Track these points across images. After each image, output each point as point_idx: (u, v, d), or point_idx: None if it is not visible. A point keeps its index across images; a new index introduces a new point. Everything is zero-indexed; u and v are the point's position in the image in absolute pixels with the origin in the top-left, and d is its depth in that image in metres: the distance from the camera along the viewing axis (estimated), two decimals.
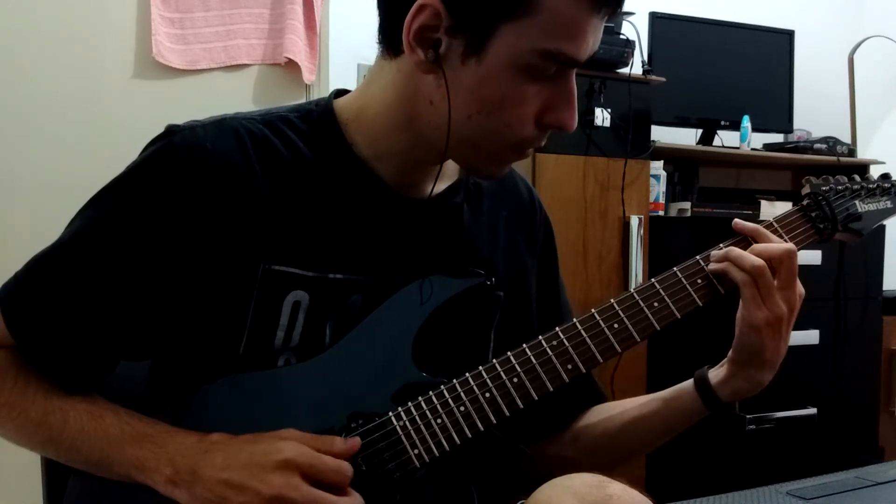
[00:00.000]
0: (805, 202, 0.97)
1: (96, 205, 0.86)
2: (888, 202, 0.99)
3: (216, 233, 0.84)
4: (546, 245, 1.07)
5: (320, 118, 0.91)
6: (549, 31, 0.78)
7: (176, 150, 0.84)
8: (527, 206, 1.05)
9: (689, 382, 0.97)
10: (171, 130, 0.86)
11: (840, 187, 0.97)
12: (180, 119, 0.89)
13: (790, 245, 0.90)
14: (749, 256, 0.88)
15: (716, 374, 0.95)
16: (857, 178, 1.00)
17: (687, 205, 2.78)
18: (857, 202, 0.98)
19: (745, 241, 0.92)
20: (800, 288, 0.90)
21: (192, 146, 0.84)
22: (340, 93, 0.95)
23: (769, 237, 0.92)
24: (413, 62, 0.82)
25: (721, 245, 0.92)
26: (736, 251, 0.90)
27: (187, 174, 0.83)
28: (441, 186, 0.95)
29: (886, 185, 0.99)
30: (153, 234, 0.83)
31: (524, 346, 0.88)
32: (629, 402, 1.03)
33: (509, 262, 1.00)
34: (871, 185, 0.99)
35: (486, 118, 0.83)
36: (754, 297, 0.88)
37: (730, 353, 0.93)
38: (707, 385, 0.94)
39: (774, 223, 0.94)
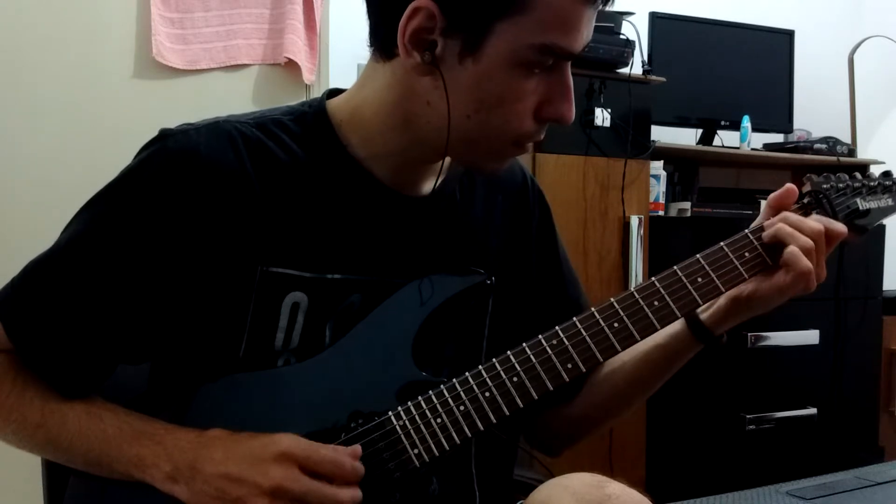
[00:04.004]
0: (806, 200, 0.96)
1: (91, 209, 0.86)
2: (889, 200, 0.99)
3: (212, 236, 0.84)
4: (542, 222, 1.05)
5: (314, 119, 0.91)
6: (544, 25, 0.78)
7: (169, 154, 0.84)
8: (519, 187, 1.04)
9: (678, 326, 0.95)
10: (165, 134, 0.86)
11: (841, 185, 0.97)
12: (180, 119, 0.89)
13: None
14: (808, 221, 0.89)
15: (707, 314, 0.94)
16: (859, 175, 0.99)
17: (687, 205, 2.78)
18: (858, 200, 0.97)
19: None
20: None
21: (186, 150, 0.84)
22: (333, 93, 0.95)
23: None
24: (409, 65, 0.82)
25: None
26: (794, 216, 0.90)
27: (181, 178, 0.83)
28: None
29: (888, 182, 0.99)
30: (149, 239, 0.83)
31: (524, 345, 0.88)
32: (624, 356, 1.01)
33: (506, 248, 1.00)
34: (872, 183, 0.99)
35: (485, 116, 0.83)
36: (810, 264, 0.87)
37: (730, 301, 0.92)
38: (700, 325, 0.94)
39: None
